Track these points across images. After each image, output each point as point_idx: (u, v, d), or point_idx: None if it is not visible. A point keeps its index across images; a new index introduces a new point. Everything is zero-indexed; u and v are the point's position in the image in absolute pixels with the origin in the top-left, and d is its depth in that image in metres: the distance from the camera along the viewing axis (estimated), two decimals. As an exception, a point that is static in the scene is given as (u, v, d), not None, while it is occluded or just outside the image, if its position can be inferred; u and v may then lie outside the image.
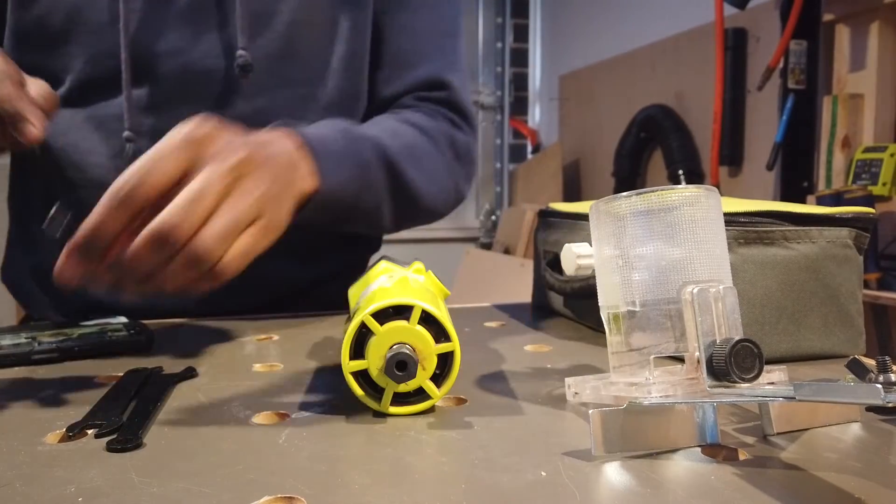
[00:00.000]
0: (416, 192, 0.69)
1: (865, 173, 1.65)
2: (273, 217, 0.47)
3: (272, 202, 0.47)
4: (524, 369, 0.50)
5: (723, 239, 0.36)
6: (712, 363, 0.32)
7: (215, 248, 0.43)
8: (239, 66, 0.67)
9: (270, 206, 0.47)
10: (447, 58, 0.78)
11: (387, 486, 0.30)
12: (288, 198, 0.51)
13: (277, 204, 0.48)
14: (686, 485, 0.30)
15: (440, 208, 0.75)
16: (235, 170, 0.45)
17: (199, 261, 0.42)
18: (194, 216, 0.42)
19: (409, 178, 0.67)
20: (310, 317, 0.71)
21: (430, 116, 0.75)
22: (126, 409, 0.40)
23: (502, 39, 3.56)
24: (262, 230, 0.46)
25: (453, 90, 0.78)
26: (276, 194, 0.48)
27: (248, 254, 0.46)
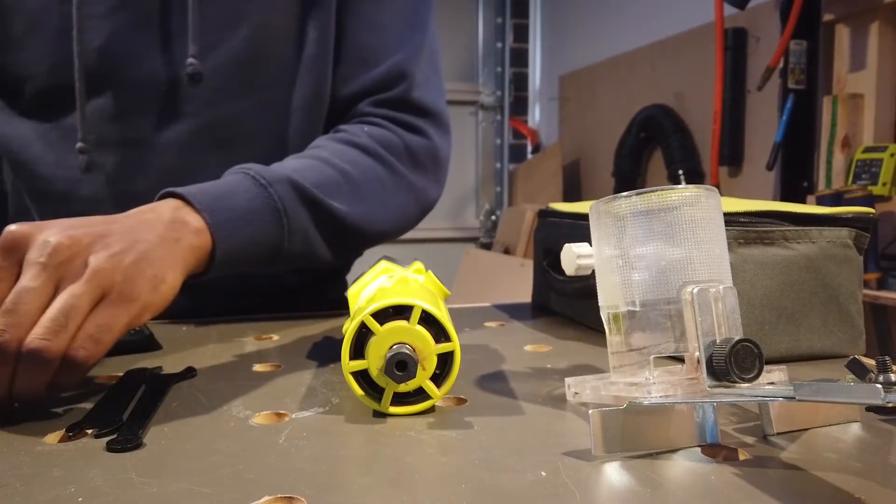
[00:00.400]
0: (351, 221, 0.65)
1: (865, 173, 1.65)
2: (127, 287, 0.44)
3: (118, 270, 0.44)
4: (524, 369, 0.50)
5: (723, 239, 0.36)
6: (712, 363, 0.32)
7: (49, 342, 0.39)
8: (188, 76, 0.65)
9: (118, 276, 0.44)
10: (410, 51, 0.74)
11: (387, 486, 0.30)
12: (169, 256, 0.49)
13: (135, 269, 0.45)
14: (686, 485, 0.30)
15: (396, 227, 0.72)
16: (52, 260, 0.42)
17: (38, 360, 0.39)
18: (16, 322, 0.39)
19: (338, 210, 0.64)
20: (310, 317, 0.71)
21: (380, 127, 0.72)
22: (126, 409, 0.40)
23: (502, 39, 3.56)
24: (115, 304, 0.43)
25: (412, 84, 0.73)
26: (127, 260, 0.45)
27: (106, 331, 0.42)
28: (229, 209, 0.56)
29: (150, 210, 0.52)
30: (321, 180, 0.63)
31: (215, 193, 0.56)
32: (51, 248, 0.42)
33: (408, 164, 0.72)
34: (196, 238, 0.53)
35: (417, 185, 0.73)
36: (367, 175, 0.68)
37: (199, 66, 0.65)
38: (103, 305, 0.43)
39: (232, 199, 0.57)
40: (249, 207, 0.58)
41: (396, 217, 0.71)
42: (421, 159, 0.73)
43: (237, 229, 0.56)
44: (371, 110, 0.73)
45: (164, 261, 0.48)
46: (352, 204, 0.66)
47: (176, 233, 0.51)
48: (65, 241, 0.43)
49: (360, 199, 0.67)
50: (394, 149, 0.71)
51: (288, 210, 0.60)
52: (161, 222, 0.51)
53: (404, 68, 0.73)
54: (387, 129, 0.72)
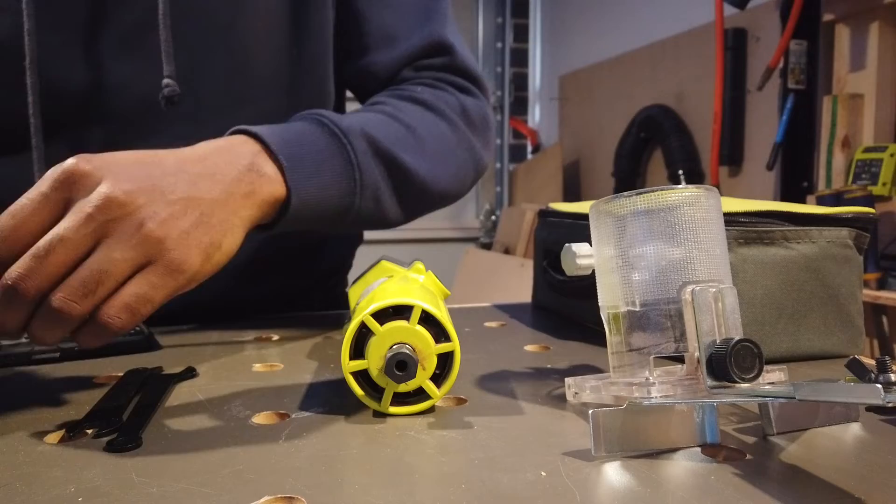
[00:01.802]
0: (421, 179, 0.63)
1: (865, 173, 1.66)
2: (175, 256, 0.41)
3: (169, 239, 0.41)
4: (524, 369, 0.50)
5: (723, 239, 0.36)
6: (712, 363, 0.32)
7: (73, 304, 0.38)
8: (164, 98, 0.59)
9: (168, 243, 0.41)
10: (437, 20, 0.71)
11: (387, 486, 0.30)
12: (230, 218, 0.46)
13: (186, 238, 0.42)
14: (686, 485, 0.30)
15: (455, 189, 0.68)
16: (100, 214, 0.39)
17: (57, 318, 0.38)
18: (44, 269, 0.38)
19: (410, 166, 0.61)
20: (310, 317, 0.71)
21: (433, 87, 0.69)
22: (126, 409, 0.40)
23: (502, 39, 3.56)
24: (160, 274, 0.41)
25: (455, 53, 0.71)
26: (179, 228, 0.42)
27: (144, 302, 0.40)
28: (306, 155, 0.53)
29: (226, 151, 0.48)
30: (391, 134, 0.61)
31: (291, 139, 0.53)
32: (103, 199, 0.39)
33: (466, 122, 0.69)
34: (270, 188, 0.49)
35: (475, 146, 0.70)
36: (432, 131, 0.65)
37: (175, 87, 0.59)
38: (146, 273, 0.40)
39: (307, 147, 0.54)
40: (324, 158, 0.54)
41: (458, 177, 0.68)
42: (475, 120, 0.71)
43: (312, 180, 0.53)
44: (417, 74, 0.70)
45: (225, 224, 0.45)
46: (420, 160, 0.63)
47: (250, 185, 0.48)
48: (120, 196, 0.40)
49: (427, 156, 0.64)
50: (453, 107, 0.68)
51: (361, 164, 0.57)
52: (236, 170, 0.47)
53: (440, 39, 0.71)
54: (441, 89, 0.70)
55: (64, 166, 0.40)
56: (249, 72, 0.66)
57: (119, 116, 0.62)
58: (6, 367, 0.51)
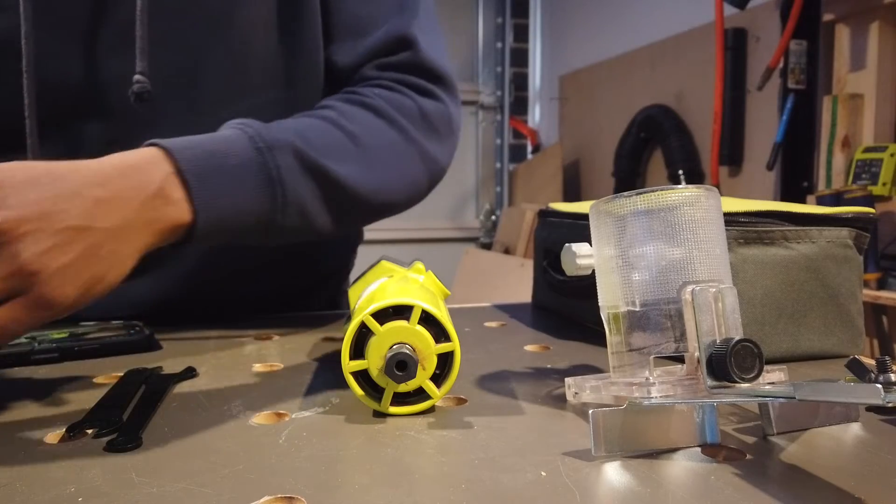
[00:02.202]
0: (358, 190, 0.60)
1: (865, 173, 1.66)
2: (48, 290, 0.40)
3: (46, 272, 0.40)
4: (524, 369, 0.50)
5: (723, 239, 0.36)
6: (712, 363, 0.32)
7: None
8: (134, 94, 0.58)
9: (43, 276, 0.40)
10: (408, 13, 0.68)
11: (387, 486, 0.30)
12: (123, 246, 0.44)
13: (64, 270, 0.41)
14: (686, 485, 0.30)
15: (405, 198, 0.66)
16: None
17: None
18: None
19: (346, 178, 0.59)
20: (310, 317, 0.71)
21: (391, 90, 0.66)
22: (126, 409, 0.40)
23: (502, 39, 3.56)
24: (25, 307, 0.40)
25: (418, 49, 0.67)
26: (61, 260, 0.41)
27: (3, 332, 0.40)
28: (220, 173, 0.51)
29: (135, 171, 0.46)
30: (328, 144, 0.59)
31: (208, 155, 0.51)
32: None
33: (422, 129, 0.67)
34: (176, 214, 0.48)
35: (430, 153, 0.67)
36: (379, 139, 0.63)
37: (146, 84, 0.58)
38: (13, 304, 0.39)
39: (225, 160, 0.52)
40: (242, 175, 0.52)
41: (407, 187, 0.66)
42: (436, 124, 0.68)
43: (223, 199, 0.51)
44: (377, 74, 0.67)
45: (114, 255, 0.44)
46: (360, 171, 0.60)
47: (154, 212, 0.47)
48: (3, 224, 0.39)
49: (370, 166, 0.61)
50: (408, 112, 0.65)
51: (285, 181, 0.55)
52: (141, 196, 0.46)
53: (405, 32, 0.67)
54: (399, 92, 0.66)
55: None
56: (248, 63, 0.65)
57: (116, 112, 0.62)
58: (6, 367, 0.51)
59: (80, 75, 0.61)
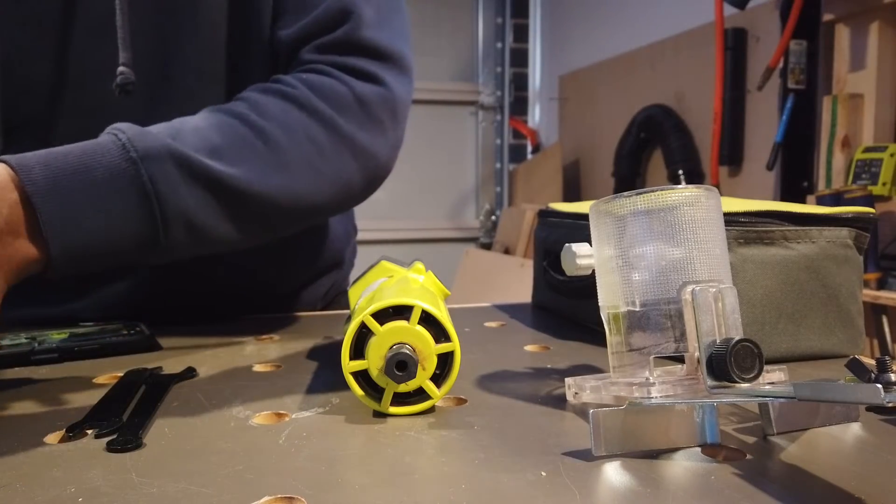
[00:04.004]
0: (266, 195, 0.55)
1: (865, 173, 1.66)
2: None
3: None
4: (524, 369, 0.50)
5: (723, 239, 0.36)
6: (712, 363, 0.32)
7: None
8: (118, 86, 0.56)
9: None
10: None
11: (387, 486, 0.30)
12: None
13: None
14: (686, 485, 0.30)
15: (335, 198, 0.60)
16: None
17: None
18: None
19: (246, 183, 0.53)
20: (310, 317, 0.71)
21: (322, 74, 0.61)
22: (126, 409, 0.40)
23: (502, 39, 3.56)
24: None
25: (359, 22, 0.61)
26: None
27: None
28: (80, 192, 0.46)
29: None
30: (226, 144, 0.53)
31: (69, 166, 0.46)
32: None
33: (356, 120, 0.60)
34: (26, 251, 0.45)
35: (365, 148, 0.61)
36: (297, 136, 0.57)
37: (129, 75, 0.56)
38: None
39: (88, 175, 0.47)
40: (109, 191, 0.47)
41: (333, 187, 0.60)
42: (375, 112, 0.61)
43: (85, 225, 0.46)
44: (314, 57, 0.62)
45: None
46: (267, 171, 0.55)
47: (3, 250, 0.43)
48: None
49: (282, 166, 0.56)
50: (338, 101, 0.59)
51: (162, 193, 0.49)
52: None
53: (345, 5, 0.61)
54: (331, 77, 0.60)
55: None
56: (218, 49, 0.63)
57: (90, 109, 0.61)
58: (6, 367, 0.51)
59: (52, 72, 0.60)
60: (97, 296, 0.68)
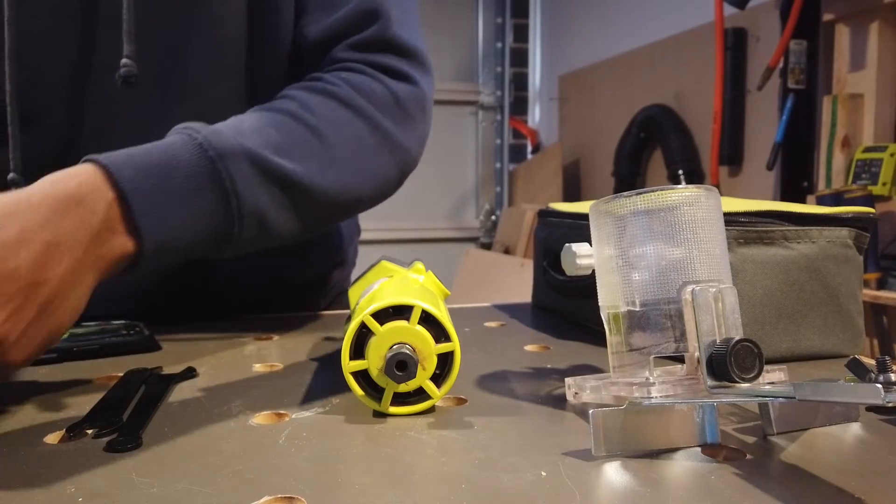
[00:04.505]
0: (324, 190, 0.57)
1: (865, 173, 1.66)
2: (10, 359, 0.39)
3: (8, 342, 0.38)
4: (524, 369, 0.50)
5: (723, 239, 0.36)
6: (712, 363, 0.32)
7: None
8: (121, 78, 0.56)
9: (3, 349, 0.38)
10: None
11: (387, 486, 0.30)
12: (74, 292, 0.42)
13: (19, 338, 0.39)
14: (686, 485, 0.30)
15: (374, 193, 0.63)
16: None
17: None
18: None
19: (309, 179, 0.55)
20: (310, 317, 0.71)
21: (361, 74, 0.63)
22: (126, 409, 0.40)
23: (502, 39, 3.56)
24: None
25: (388, 21, 0.64)
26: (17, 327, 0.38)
27: None
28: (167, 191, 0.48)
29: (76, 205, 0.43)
30: (287, 142, 0.55)
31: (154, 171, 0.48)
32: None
33: (394, 117, 0.63)
34: (122, 246, 0.46)
35: (402, 144, 0.64)
36: (345, 133, 0.59)
37: (132, 68, 0.57)
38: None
39: (173, 174, 0.48)
40: (192, 190, 0.49)
41: (376, 182, 0.62)
42: (408, 109, 0.64)
43: (173, 220, 0.48)
44: (347, 55, 0.64)
45: (67, 303, 0.42)
46: (324, 168, 0.57)
47: (100, 247, 0.44)
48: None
49: (335, 162, 0.58)
50: (378, 99, 0.62)
51: (240, 191, 0.51)
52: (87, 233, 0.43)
53: (375, 5, 0.63)
54: (369, 77, 0.62)
55: None
56: (225, 46, 0.64)
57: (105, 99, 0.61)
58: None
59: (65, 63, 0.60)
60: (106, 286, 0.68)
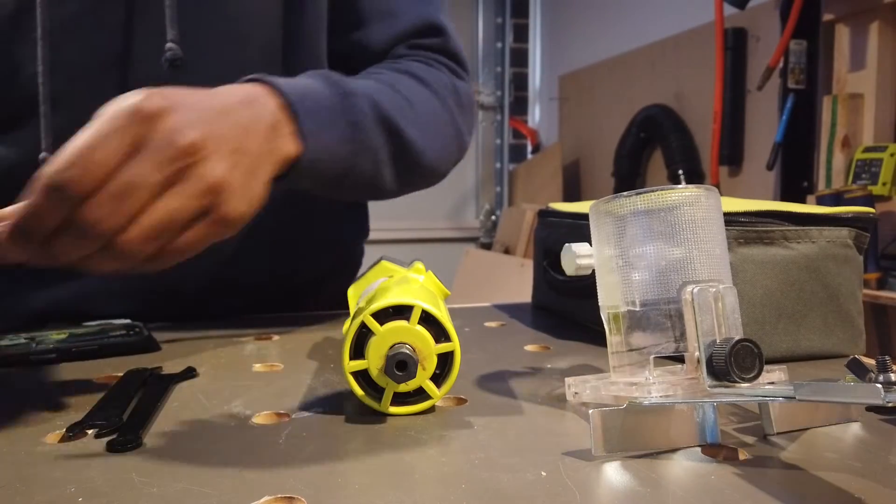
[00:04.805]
0: (417, 151, 0.63)
1: (865, 173, 1.65)
2: (230, 208, 0.42)
3: (229, 191, 0.42)
4: (524, 369, 0.50)
5: (723, 239, 0.36)
6: (712, 363, 0.32)
7: (140, 246, 0.39)
8: (167, 61, 0.59)
9: (227, 195, 0.41)
10: (437, 4, 0.73)
11: (387, 486, 0.30)
12: (261, 173, 0.46)
13: (241, 189, 0.43)
14: (686, 485, 0.30)
15: (443, 167, 0.69)
16: (180, 159, 0.39)
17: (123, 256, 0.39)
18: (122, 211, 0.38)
19: (409, 136, 0.61)
20: (310, 317, 0.71)
21: (428, 65, 0.70)
22: (126, 409, 0.40)
23: (502, 39, 3.56)
24: (213, 225, 0.41)
25: (448, 36, 0.73)
26: (238, 179, 0.42)
27: (181, 253, 0.41)
28: (318, 111, 0.52)
29: (250, 104, 0.47)
30: (391, 103, 0.61)
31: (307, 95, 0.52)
32: (179, 146, 0.39)
33: (458, 105, 0.70)
34: (287, 147, 0.49)
35: (462, 129, 0.71)
36: (427, 107, 0.65)
37: (178, 51, 0.59)
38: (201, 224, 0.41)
39: (319, 99, 0.53)
40: (332, 117, 0.54)
41: (446, 155, 0.68)
42: (464, 103, 0.72)
43: (323, 135, 0.52)
44: (411, 52, 0.71)
45: (258, 181, 0.45)
46: (419, 134, 0.63)
47: (273, 142, 0.48)
48: (196, 141, 0.40)
49: (425, 131, 0.64)
50: (445, 87, 0.69)
51: (365, 127, 0.57)
52: (262, 127, 0.47)
53: (435, 21, 0.72)
54: (435, 68, 0.70)
55: (135, 102, 0.39)
56: (246, 42, 0.66)
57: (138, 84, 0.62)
58: (4, 367, 0.51)
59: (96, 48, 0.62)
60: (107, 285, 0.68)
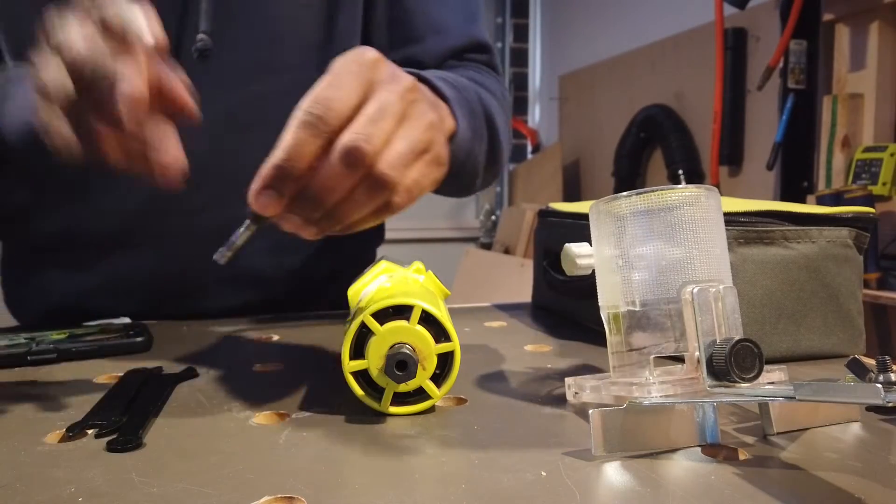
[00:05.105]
0: (500, 146, 0.66)
1: (865, 173, 1.65)
2: (439, 150, 0.45)
3: (438, 133, 0.45)
4: (524, 369, 0.50)
5: (723, 239, 0.36)
6: (712, 363, 0.32)
7: (397, 171, 0.41)
8: (197, 51, 0.60)
9: (437, 137, 0.45)
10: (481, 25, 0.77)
11: (387, 486, 0.30)
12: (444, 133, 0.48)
13: (441, 136, 0.46)
14: (686, 485, 0.30)
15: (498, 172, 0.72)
16: (408, 94, 0.43)
17: (383, 185, 0.41)
18: (380, 134, 0.40)
19: (499, 131, 0.65)
20: (310, 317, 0.71)
21: (481, 73, 0.73)
22: (126, 409, 0.40)
23: (502, 39, 3.56)
24: (432, 163, 0.44)
25: (493, 54, 0.77)
26: (439, 125, 0.46)
27: (419, 187, 0.44)
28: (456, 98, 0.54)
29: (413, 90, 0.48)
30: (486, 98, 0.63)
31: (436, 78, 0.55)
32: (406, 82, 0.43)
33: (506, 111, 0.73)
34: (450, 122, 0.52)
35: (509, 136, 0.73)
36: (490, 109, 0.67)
37: (208, 42, 0.61)
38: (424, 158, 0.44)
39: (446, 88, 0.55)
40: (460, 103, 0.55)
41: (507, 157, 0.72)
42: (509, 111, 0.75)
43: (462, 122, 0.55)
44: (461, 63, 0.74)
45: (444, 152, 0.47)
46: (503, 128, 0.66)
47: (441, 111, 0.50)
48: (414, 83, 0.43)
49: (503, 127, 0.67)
50: (499, 93, 0.72)
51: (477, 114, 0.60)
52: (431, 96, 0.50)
53: (483, 39, 0.76)
54: (488, 75, 0.73)
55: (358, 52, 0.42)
56: (283, 38, 0.68)
57: None
58: (3, 367, 0.51)
59: None
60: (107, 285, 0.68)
